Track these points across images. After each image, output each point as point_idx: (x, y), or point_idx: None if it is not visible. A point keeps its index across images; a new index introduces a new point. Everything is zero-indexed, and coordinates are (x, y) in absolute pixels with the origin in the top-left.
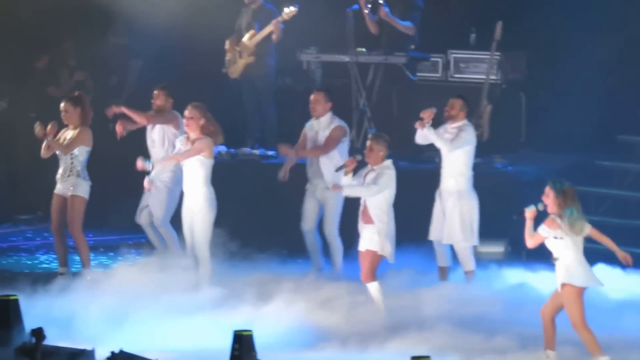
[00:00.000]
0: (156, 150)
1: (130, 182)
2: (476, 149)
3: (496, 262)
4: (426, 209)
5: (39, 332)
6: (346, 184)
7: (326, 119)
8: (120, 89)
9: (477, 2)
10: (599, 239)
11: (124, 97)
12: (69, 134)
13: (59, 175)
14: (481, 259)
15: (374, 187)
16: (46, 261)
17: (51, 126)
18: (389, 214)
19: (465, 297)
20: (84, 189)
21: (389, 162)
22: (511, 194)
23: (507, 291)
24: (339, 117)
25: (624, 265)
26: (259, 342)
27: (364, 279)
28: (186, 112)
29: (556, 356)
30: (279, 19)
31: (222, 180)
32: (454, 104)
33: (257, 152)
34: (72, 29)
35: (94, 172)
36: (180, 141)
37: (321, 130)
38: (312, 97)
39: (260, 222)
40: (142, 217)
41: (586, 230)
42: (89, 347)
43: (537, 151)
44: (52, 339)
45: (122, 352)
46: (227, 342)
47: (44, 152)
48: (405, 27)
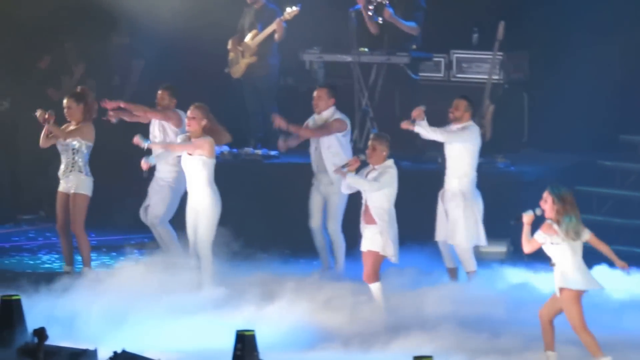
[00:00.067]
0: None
1: (133, 181)
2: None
3: (498, 262)
4: (428, 209)
5: (41, 332)
6: (350, 176)
7: (328, 113)
8: (122, 89)
9: (480, 2)
10: (598, 247)
11: (126, 97)
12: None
13: (61, 171)
14: (483, 259)
15: (375, 183)
16: (48, 261)
17: (49, 114)
18: (390, 213)
19: (467, 297)
20: (86, 186)
21: (390, 162)
22: (513, 194)
23: (509, 291)
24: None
25: (625, 269)
26: (262, 342)
27: (367, 279)
28: (188, 112)
29: (557, 357)
30: (281, 19)
31: (225, 180)
32: (459, 105)
33: (259, 152)
34: (75, 29)
35: (97, 172)
36: (180, 138)
37: (322, 123)
38: (315, 93)
39: (262, 222)
40: (150, 221)
41: (585, 236)
42: (91, 347)
43: (539, 151)
44: (55, 339)
45: (124, 352)
46: (229, 342)
47: (43, 141)
48: (409, 27)
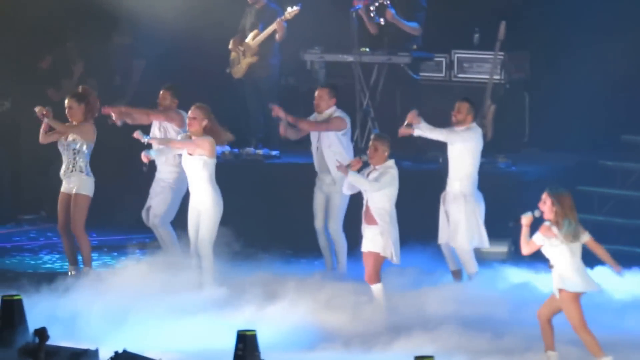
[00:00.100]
0: (166, 158)
1: (134, 181)
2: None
3: (500, 262)
4: (430, 209)
5: (42, 332)
6: (352, 174)
7: (329, 112)
8: (123, 89)
9: (481, 2)
10: (595, 250)
11: (128, 97)
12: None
13: (62, 171)
14: (485, 259)
15: (376, 184)
16: (49, 261)
17: (47, 110)
18: (391, 214)
19: (469, 297)
20: (88, 186)
21: (391, 162)
22: (515, 194)
23: (511, 291)
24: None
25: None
26: (263, 342)
27: (368, 280)
28: (190, 113)
29: (557, 357)
30: (282, 18)
31: (226, 180)
32: (461, 108)
33: (260, 152)
34: (76, 29)
35: (98, 171)
36: (181, 137)
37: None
38: (316, 93)
39: (264, 222)
40: (151, 222)
41: (584, 238)
42: (92, 347)
43: (540, 151)
44: (56, 339)
45: (125, 352)
46: (230, 342)
47: (42, 137)
48: (411, 28)
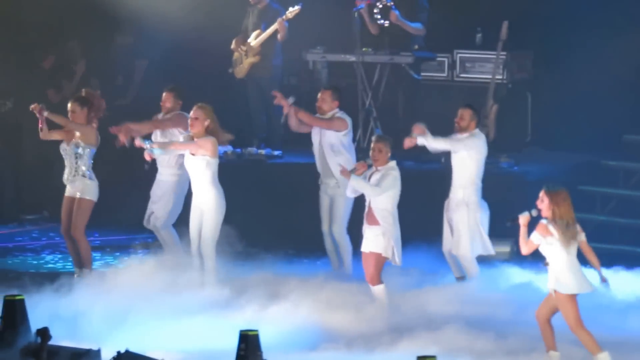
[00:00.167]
0: (167, 159)
1: (136, 180)
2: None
3: (502, 262)
4: (431, 209)
5: (44, 332)
6: (354, 178)
7: (331, 113)
8: (125, 89)
9: (483, 2)
10: (586, 254)
11: (130, 97)
12: (77, 134)
13: (66, 176)
14: (488, 259)
15: (377, 189)
16: (52, 261)
17: (41, 107)
18: (394, 215)
19: (472, 298)
20: (92, 191)
21: (393, 163)
22: (517, 194)
23: (514, 291)
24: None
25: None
26: (265, 342)
27: (370, 281)
28: (191, 113)
29: (559, 357)
30: (283, 18)
31: (228, 180)
32: (464, 115)
33: (263, 152)
34: (78, 29)
35: (100, 171)
36: (183, 137)
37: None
38: (319, 95)
39: (266, 222)
40: (152, 224)
41: (580, 237)
42: (94, 347)
43: (543, 151)
44: (58, 338)
45: (127, 352)
46: (233, 342)
47: (44, 133)
48: (415, 29)
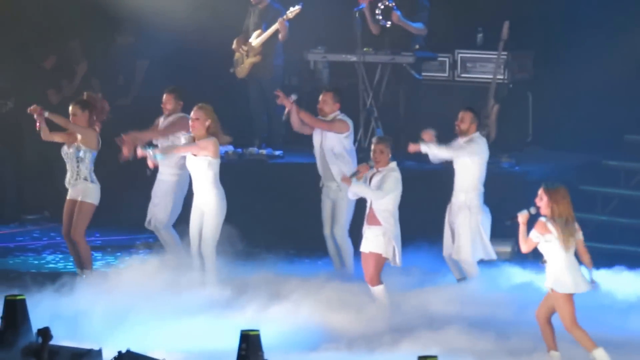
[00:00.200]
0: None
1: (138, 181)
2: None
3: (503, 261)
4: (432, 209)
5: (45, 332)
6: (355, 184)
7: (332, 115)
8: (126, 89)
9: (484, 2)
10: (580, 253)
11: (131, 98)
12: (78, 137)
13: (67, 180)
14: (489, 259)
15: (379, 192)
16: (53, 261)
17: (40, 109)
18: (395, 215)
19: (474, 298)
20: (94, 194)
21: (394, 164)
22: (518, 194)
23: (514, 291)
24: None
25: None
26: (266, 342)
27: (369, 282)
28: (192, 114)
29: (560, 357)
30: (284, 18)
31: (229, 180)
32: (465, 117)
33: (264, 152)
34: (79, 28)
35: (102, 171)
36: (185, 139)
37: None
38: (320, 97)
39: (267, 222)
40: (153, 224)
41: (578, 235)
42: (96, 347)
43: (544, 150)
44: (59, 338)
45: (129, 351)
46: (234, 342)
47: (45, 133)
48: (417, 29)
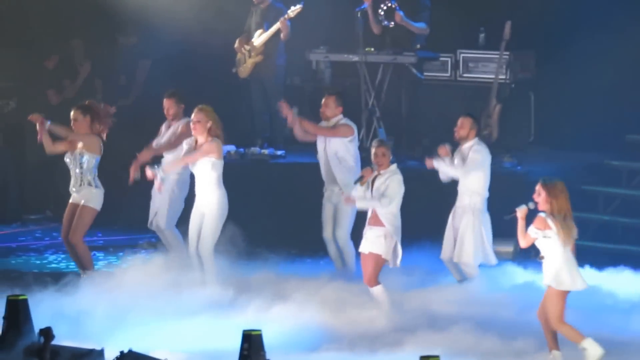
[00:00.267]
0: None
1: (140, 180)
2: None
3: (506, 261)
4: (434, 208)
5: (47, 332)
6: (359, 195)
7: (335, 119)
8: (128, 89)
9: (486, 2)
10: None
11: (132, 98)
12: (79, 143)
13: (72, 186)
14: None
15: (385, 200)
16: (55, 261)
17: (42, 119)
18: (398, 217)
19: (476, 298)
20: (97, 200)
21: (395, 167)
22: (520, 193)
23: (517, 291)
24: (349, 117)
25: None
26: (268, 342)
27: (368, 282)
28: (193, 116)
29: (561, 356)
30: (285, 17)
31: (231, 179)
32: (464, 124)
33: (266, 151)
34: (81, 28)
35: (104, 171)
36: (187, 143)
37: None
38: (323, 100)
39: (269, 222)
40: (155, 224)
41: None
42: (98, 347)
43: (546, 150)
44: (61, 338)
45: (131, 351)
46: (236, 342)
47: (49, 146)
48: (419, 29)
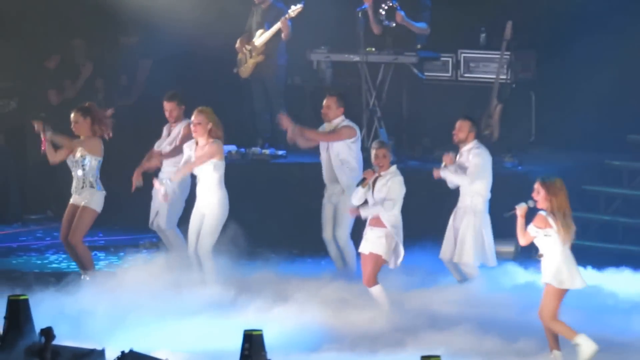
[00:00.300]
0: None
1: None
2: (487, 148)
3: (507, 261)
4: (435, 208)
5: (48, 332)
6: (361, 203)
7: (337, 121)
8: (129, 89)
9: (487, 2)
10: None
11: (134, 97)
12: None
13: (74, 187)
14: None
15: (388, 203)
16: (56, 261)
17: (44, 129)
18: (399, 218)
19: (476, 297)
20: (97, 201)
21: (394, 168)
22: (521, 194)
23: (518, 291)
24: (350, 117)
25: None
26: (269, 342)
27: (367, 282)
28: (193, 118)
29: (562, 356)
30: (286, 17)
31: (232, 179)
32: (462, 127)
33: (267, 151)
34: (82, 28)
35: (105, 171)
36: (188, 146)
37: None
38: (324, 102)
39: (270, 222)
40: (156, 224)
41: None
42: (98, 347)
43: (547, 150)
44: (62, 338)
45: (132, 351)
46: (237, 342)
47: (52, 155)
48: (420, 29)
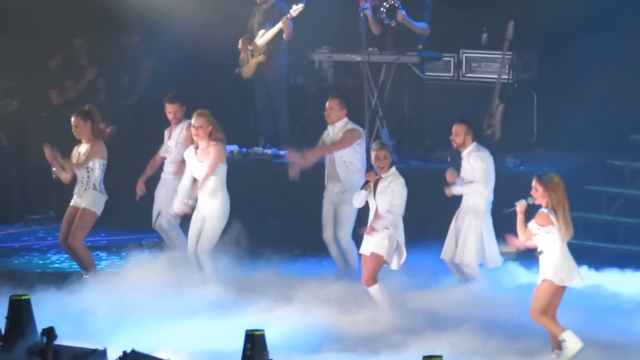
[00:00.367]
0: (172, 155)
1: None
2: (488, 148)
3: (508, 261)
4: (437, 208)
5: (50, 332)
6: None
7: (341, 123)
8: (131, 89)
9: (489, 2)
10: None
11: (135, 97)
12: (82, 149)
13: (76, 189)
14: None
15: (397, 208)
16: (58, 261)
17: (53, 157)
18: (401, 220)
19: (479, 298)
20: (98, 204)
21: (394, 170)
22: (523, 194)
23: (520, 291)
24: (352, 118)
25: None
26: (271, 342)
27: (366, 282)
28: (193, 121)
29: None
30: (287, 17)
31: (234, 179)
32: (458, 131)
33: (269, 151)
34: (84, 28)
35: (107, 171)
36: (187, 154)
37: (336, 135)
38: (327, 103)
39: (272, 222)
40: (158, 224)
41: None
42: (100, 347)
43: (548, 150)
44: (64, 338)
45: (133, 351)
46: (239, 342)
47: (63, 177)
48: (421, 28)
